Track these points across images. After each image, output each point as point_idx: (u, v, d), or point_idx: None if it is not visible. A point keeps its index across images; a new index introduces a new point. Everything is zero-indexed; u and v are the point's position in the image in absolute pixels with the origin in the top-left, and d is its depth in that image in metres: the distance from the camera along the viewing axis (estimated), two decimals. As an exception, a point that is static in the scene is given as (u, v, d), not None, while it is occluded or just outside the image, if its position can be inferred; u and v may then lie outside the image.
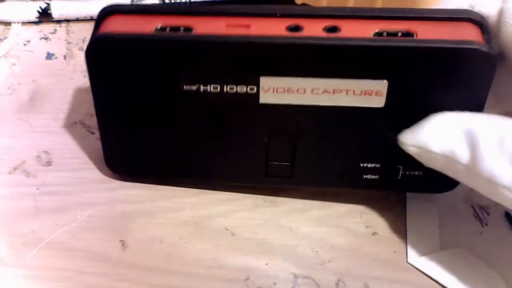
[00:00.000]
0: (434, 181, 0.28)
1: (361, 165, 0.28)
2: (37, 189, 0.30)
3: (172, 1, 0.36)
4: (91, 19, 0.37)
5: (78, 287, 0.27)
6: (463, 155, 0.23)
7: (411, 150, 0.25)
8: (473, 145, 0.22)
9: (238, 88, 0.25)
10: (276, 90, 0.25)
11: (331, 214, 0.30)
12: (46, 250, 0.28)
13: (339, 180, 0.29)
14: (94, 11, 0.36)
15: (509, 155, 0.21)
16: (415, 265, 0.28)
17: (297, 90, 0.25)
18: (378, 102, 0.25)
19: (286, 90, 0.25)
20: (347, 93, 0.25)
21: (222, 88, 0.25)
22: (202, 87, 0.25)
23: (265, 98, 0.26)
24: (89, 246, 0.29)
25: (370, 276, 0.28)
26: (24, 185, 0.30)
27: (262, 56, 0.25)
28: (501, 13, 0.24)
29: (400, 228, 0.29)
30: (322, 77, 0.25)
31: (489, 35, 0.24)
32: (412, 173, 0.28)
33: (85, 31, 0.36)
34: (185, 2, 0.36)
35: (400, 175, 0.28)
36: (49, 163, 0.31)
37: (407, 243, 0.29)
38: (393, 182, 0.28)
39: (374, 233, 0.29)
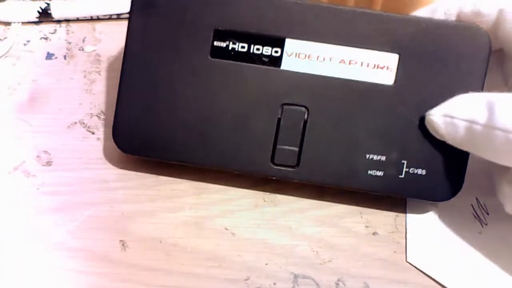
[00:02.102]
0: (436, 184, 0.28)
1: (367, 156, 0.28)
2: (37, 189, 0.30)
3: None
4: (91, 19, 0.37)
5: (78, 287, 0.27)
6: (482, 116, 0.25)
7: (437, 120, 0.27)
8: (490, 107, 0.25)
9: (264, 49, 0.28)
10: (298, 56, 0.28)
11: (331, 214, 0.30)
12: (47, 250, 0.28)
13: (343, 176, 0.28)
14: (94, 11, 0.36)
15: None
16: (414, 264, 0.28)
17: (317, 58, 0.28)
18: (389, 77, 0.28)
19: (307, 56, 0.28)
20: (361, 65, 0.28)
21: (249, 48, 0.28)
22: (231, 45, 0.28)
23: (287, 63, 0.28)
24: (89, 246, 0.29)
25: (370, 276, 0.28)
26: (24, 185, 0.30)
27: (289, 17, 0.28)
28: (500, 13, 0.27)
29: (400, 228, 0.29)
30: (340, 44, 0.28)
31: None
32: (415, 171, 0.28)
33: (85, 31, 0.36)
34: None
35: (403, 172, 0.28)
36: (49, 163, 0.31)
37: (407, 242, 0.29)
38: (396, 182, 0.28)
39: (374, 233, 0.29)
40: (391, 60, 0.28)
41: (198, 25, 0.28)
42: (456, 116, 0.26)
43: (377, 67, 0.28)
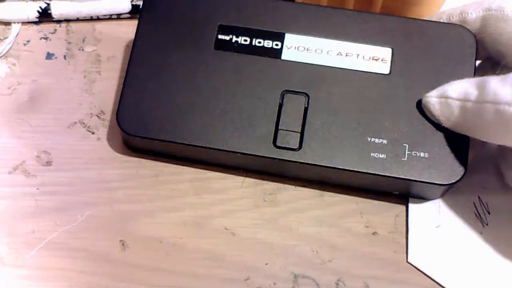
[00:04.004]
0: (440, 167, 0.28)
1: (369, 139, 0.28)
2: (37, 189, 0.30)
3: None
4: (91, 19, 0.37)
5: (78, 287, 0.27)
6: (473, 93, 0.26)
7: (433, 101, 0.28)
8: (482, 85, 0.26)
9: (265, 42, 0.30)
10: (297, 48, 0.30)
11: (331, 214, 0.30)
12: (46, 250, 0.28)
13: (346, 158, 0.28)
14: (94, 11, 0.36)
15: (510, 83, 0.25)
16: (415, 265, 0.28)
17: (315, 50, 0.30)
18: (384, 68, 0.29)
19: (306, 49, 0.30)
20: (357, 57, 0.30)
21: (251, 41, 0.30)
22: (234, 38, 0.30)
23: (287, 54, 0.30)
24: (89, 246, 0.29)
25: (370, 276, 0.28)
26: (24, 185, 0.30)
27: (289, 17, 0.30)
28: (483, 18, 0.29)
29: (400, 228, 0.29)
30: (337, 39, 0.30)
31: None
32: (418, 154, 0.28)
33: (85, 31, 0.36)
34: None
35: (406, 155, 0.28)
36: (49, 163, 0.31)
37: (408, 242, 0.29)
38: (399, 164, 0.28)
39: (374, 233, 0.29)
40: (385, 53, 0.30)
41: (204, 21, 0.30)
42: (450, 96, 0.27)
43: (372, 59, 0.30)
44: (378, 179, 0.28)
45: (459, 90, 0.27)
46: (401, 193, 0.30)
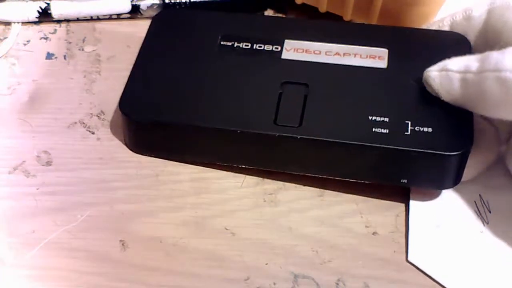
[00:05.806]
0: (445, 138, 0.28)
1: (370, 118, 0.28)
2: (37, 189, 0.30)
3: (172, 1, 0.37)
4: (91, 19, 0.37)
5: (78, 287, 0.27)
6: (474, 65, 0.27)
7: (433, 75, 0.28)
8: (483, 58, 0.27)
9: (266, 47, 0.32)
10: (296, 50, 0.32)
11: (331, 214, 0.30)
12: (46, 250, 0.28)
13: (347, 133, 0.28)
14: (94, 11, 0.36)
15: (510, 52, 0.26)
16: (415, 264, 0.28)
17: (314, 52, 0.32)
18: (382, 64, 0.31)
19: (304, 50, 0.32)
20: (355, 56, 0.31)
21: (252, 46, 0.32)
22: (236, 44, 0.32)
23: (287, 55, 0.32)
24: (89, 246, 0.29)
25: (370, 276, 0.28)
26: (24, 185, 0.30)
27: (288, 28, 0.33)
28: (489, 11, 0.29)
29: (400, 228, 0.29)
30: (335, 43, 0.32)
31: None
32: (421, 129, 0.28)
33: (85, 31, 0.36)
34: (185, 2, 0.37)
35: (409, 130, 0.28)
36: (49, 163, 0.31)
37: (408, 241, 0.29)
38: (403, 138, 0.28)
39: (374, 233, 0.29)
40: (382, 52, 0.31)
41: (208, 32, 0.33)
42: (451, 69, 0.27)
43: (369, 57, 0.31)
44: (381, 158, 0.28)
45: (460, 63, 0.27)
46: (409, 180, 0.29)
